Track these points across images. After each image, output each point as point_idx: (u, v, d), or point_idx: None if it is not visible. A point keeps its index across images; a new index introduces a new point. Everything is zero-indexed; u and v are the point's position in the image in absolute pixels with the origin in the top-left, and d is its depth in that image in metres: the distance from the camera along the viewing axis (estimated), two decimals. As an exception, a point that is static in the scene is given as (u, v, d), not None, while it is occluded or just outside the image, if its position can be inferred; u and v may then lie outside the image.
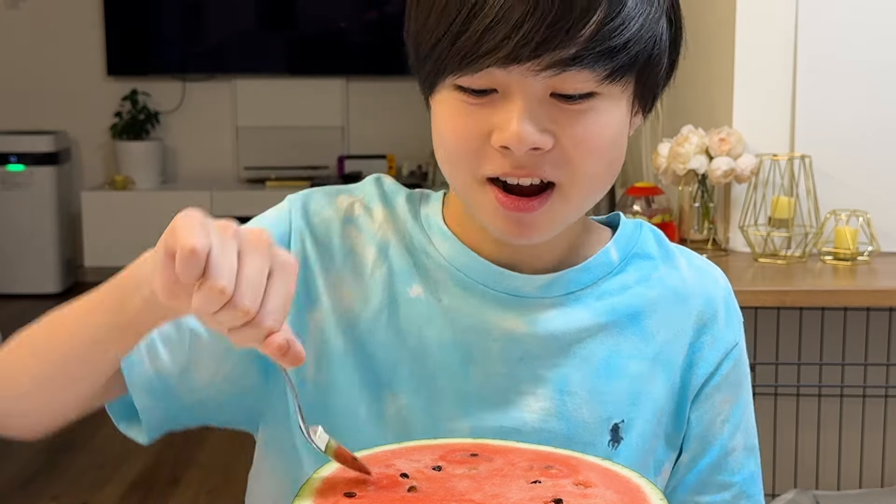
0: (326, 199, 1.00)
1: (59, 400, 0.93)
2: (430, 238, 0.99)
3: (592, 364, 0.97)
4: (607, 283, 0.99)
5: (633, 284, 1.00)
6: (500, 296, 0.96)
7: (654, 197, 2.58)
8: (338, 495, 0.76)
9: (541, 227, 0.91)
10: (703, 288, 1.02)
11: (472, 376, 0.96)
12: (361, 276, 0.98)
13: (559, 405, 0.96)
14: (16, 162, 5.84)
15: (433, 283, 0.97)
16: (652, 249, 1.02)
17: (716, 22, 2.64)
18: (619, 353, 0.98)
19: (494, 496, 0.77)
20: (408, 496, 0.77)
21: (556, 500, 0.76)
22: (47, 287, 5.88)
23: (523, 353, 0.96)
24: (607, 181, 0.92)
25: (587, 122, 0.87)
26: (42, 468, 3.58)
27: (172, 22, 6.19)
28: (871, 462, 2.52)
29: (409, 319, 0.97)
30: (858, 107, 2.46)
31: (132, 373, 0.95)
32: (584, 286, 0.98)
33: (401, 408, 0.96)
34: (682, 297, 1.00)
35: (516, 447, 0.87)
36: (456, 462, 0.83)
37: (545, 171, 0.88)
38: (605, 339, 0.98)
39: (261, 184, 6.06)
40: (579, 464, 0.84)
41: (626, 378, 0.98)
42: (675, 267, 1.02)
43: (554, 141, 0.87)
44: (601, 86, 0.86)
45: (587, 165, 0.89)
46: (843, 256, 2.35)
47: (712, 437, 1.02)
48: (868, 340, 2.46)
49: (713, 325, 1.01)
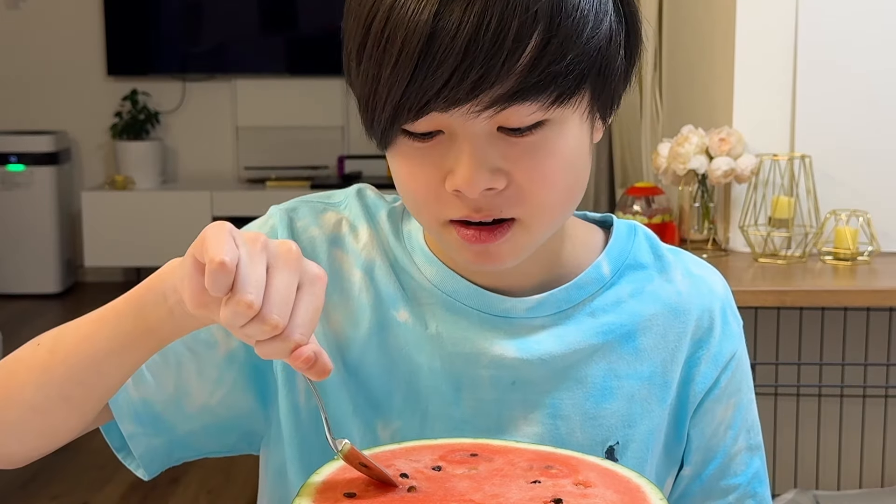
0: (312, 216, 0.98)
1: (50, 427, 0.89)
2: (412, 259, 0.96)
3: (586, 387, 0.95)
4: (599, 298, 0.96)
5: (627, 298, 0.97)
6: (489, 318, 0.94)
7: (654, 197, 2.58)
8: (338, 495, 0.76)
9: (505, 255, 0.88)
10: (699, 300, 0.99)
11: (463, 403, 0.94)
12: (349, 299, 0.95)
13: (552, 430, 0.95)
14: (16, 162, 5.84)
15: (419, 307, 0.95)
16: (645, 258, 0.99)
17: (716, 22, 2.64)
18: (613, 373, 0.95)
19: (494, 496, 0.77)
20: (407, 496, 0.77)
21: (556, 500, 0.76)
22: (47, 287, 5.89)
23: (514, 378, 0.94)
24: (570, 205, 0.89)
25: (538, 153, 0.84)
26: (42, 468, 3.58)
27: (172, 22, 6.19)
28: (871, 462, 2.52)
29: (399, 344, 0.95)
30: (858, 107, 2.46)
31: (117, 399, 0.93)
32: (575, 303, 0.95)
33: (394, 432, 0.95)
34: (677, 313, 0.98)
35: (516, 447, 0.87)
36: (456, 462, 0.83)
37: (502, 209, 0.85)
38: (599, 360, 0.95)
39: (261, 184, 6.06)
40: (579, 464, 0.84)
41: (620, 399, 0.96)
42: (670, 279, 0.99)
43: (507, 179, 0.84)
44: (549, 112, 0.82)
45: (544, 198, 0.85)
46: (843, 256, 2.35)
47: (715, 446, 1.00)
48: (868, 340, 2.46)
49: (709, 338, 0.99)
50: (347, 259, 0.97)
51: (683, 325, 0.98)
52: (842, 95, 2.46)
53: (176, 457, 0.99)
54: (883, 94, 2.46)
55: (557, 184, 0.85)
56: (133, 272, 6.01)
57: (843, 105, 2.46)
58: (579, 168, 0.88)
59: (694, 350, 0.98)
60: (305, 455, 0.96)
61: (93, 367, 0.85)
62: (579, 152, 0.87)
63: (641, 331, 0.97)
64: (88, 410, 0.88)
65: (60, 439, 0.90)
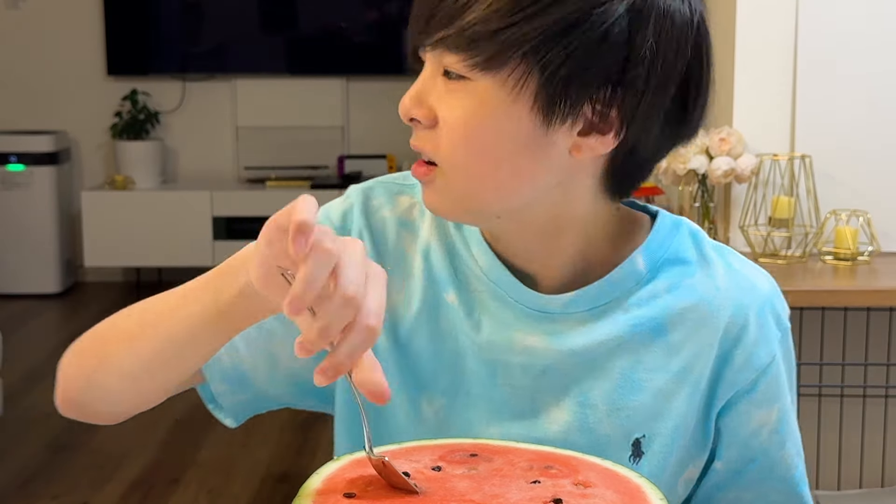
0: (387, 197, 1.02)
1: (146, 390, 0.96)
2: (469, 246, 0.99)
3: (613, 378, 0.96)
4: (635, 294, 0.96)
5: (662, 293, 0.97)
6: (526, 311, 0.96)
7: (655, 197, 2.58)
8: (338, 495, 0.76)
9: (429, 198, 0.93)
10: (736, 298, 0.97)
11: (499, 387, 0.97)
12: (408, 279, 1.00)
13: (580, 418, 0.96)
14: (16, 162, 5.84)
15: (468, 292, 0.98)
16: (688, 253, 0.99)
17: (716, 22, 2.63)
18: (642, 366, 0.96)
19: (494, 496, 0.77)
20: (407, 496, 0.77)
21: (556, 500, 0.76)
22: (47, 287, 5.88)
23: (544, 366, 0.96)
24: (482, 177, 0.89)
25: (454, 101, 0.88)
26: (42, 468, 3.58)
27: (172, 22, 6.19)
28: (871, 462, 2.52)
29: (447, 325, 0.98)
30: (858, 107, 2.46)
31: (209, 364, 1.00)
32: (610, 300, 0.96)
33: (438, 409, 0.99)
34: (711, 308, 0.96)
35: (516, 447, 0.87)
36: (456, 462, 0.83)
37: (426, 147, 0.91)
38: (628, 352, 0.96)
39: (261, 184, 6.06)
40: (579, 464, 0.83)
41: (648, 392, 0.96)
42: (711, 274, 0.98)
43: (433, 117, 0.89)
44: (472, 72, 0.86)
45: (452, 151, 0.89)
46: (843, 256, 2.35)
47: (756, 446, 0.99)
48: (868, 340, 2.46)
49: (743, 338, 0.96)
50: (413, 242, 1.01)
51: (716, 320, 0.96)
52: (842, 95, 2.45)
53: (261, 408, 1.06)
54: (883, 95, 2.46)
55: (467, 140, 0.88)
56: (133, 272, 6.01)
57: (843, 105, 2.46)
58: (504, 148, 0.88)
59: (727, 349, 0.96)
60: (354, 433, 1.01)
61: (171, 348, 0.90)
62: (504, 132, 0.88)
63: (672, 325, 0.96)
64: (173, 380, 0.95)
65: (152, 400, 0.97)
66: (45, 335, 5.37)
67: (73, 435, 3.85)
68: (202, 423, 3.89)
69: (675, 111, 0.90)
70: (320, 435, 3.80)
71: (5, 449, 3.75)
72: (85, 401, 0.98)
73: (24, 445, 3.79)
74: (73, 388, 0.98)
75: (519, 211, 0.93)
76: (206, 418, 4.48)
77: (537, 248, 0.97)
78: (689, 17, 0.88)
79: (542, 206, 0.93)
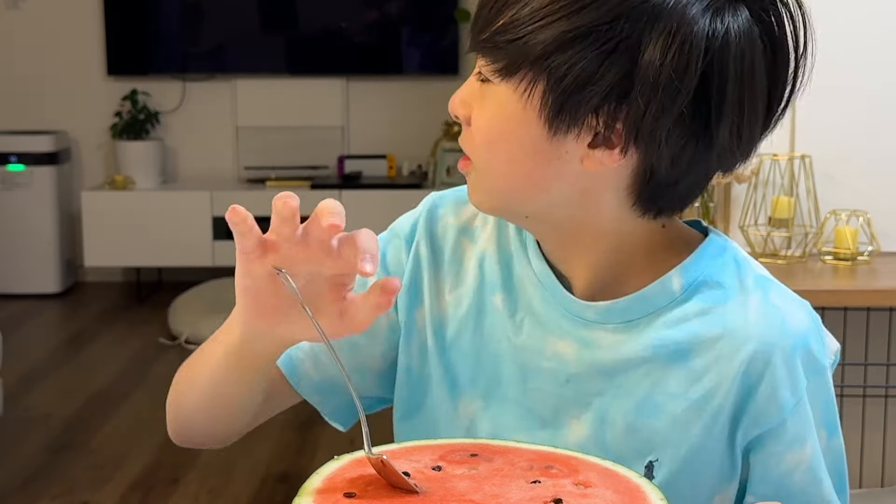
0: (453, 206, 1.07)
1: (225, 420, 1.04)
2: (526, 251, 1.02)
3: (633, 397, 0.96)
4: (667, 314, 0.96)
5: (692, 317, 0.96)
6: (566, 315, 0.99)
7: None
8: (338, 495, 0.76)
9: (471, 195, 0.98)
10: (763, 333, 0.94)
11: (529, 392, 1.00)
12: (461, 283, 1.04)
13: (598, 434, 0.97)
14: (16, 162, 5.84)
15: (516, 292, 1.02)
16: (727, 279, 0.97)
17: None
18: (662, 390, 0.95)
19: (494, 496, 0.77)
20: (407, 496, 0.77)
21: (556, 500, 0.76)
22: (47, 287, 5.88)
23: (569, 376, 0.98)
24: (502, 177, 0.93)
25: (484, 104, 0.93)
26: (42, 468, 3.58)
27: (172, 22, 6.19)
28: (871, 462, 2.52)
29: (490, 327, 1.02)
30: (858, 107, 2.46)
31: (299, 383, 1.08)
32: (642, 315, 0.96)
33: (472, 412, 1.02)
34: (738, 339, 0.94)
35: (516, 447, 0.87)
36: (456, 462, 0.83)
37: (464, 144, 0.96)
38: (649, 373, 0.96)
39: (261, 184, 6.06)
40: (579, 464, 0.84)
41: (665, 417, 0.95)
42: (745, 304, 0.96)
43: (469, 117, 0.94)
44: (494, 77, 0.91)
45: (477, 147, 0.94)
46: (843, 256, 2.35)
47: (790, 485, 0.96)
48: (868, 340, 2.46)
49: (766, 376, 0.94)
50: (471, 247, 1.05)
51: (740, 353, 0.94)
52: (842, 95, 2.46)
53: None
54: (883, 95, 2.46)
55: (490, 143, 0.93)
56: (133, 272, 6.01)
57: (843, 105, 2.46)
58: (520, 153, 0.91)
59: (751, 384, 0.94)
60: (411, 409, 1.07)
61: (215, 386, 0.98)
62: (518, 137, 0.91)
63: (696, 352, 0.95)
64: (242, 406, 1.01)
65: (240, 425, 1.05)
66: (45, 335, 5.37)
67: (73, 435, 3.85)
68: (202, 423, 3.89)
69: (697, 131, 0.88)
70: (320, 435, 3.80)
71: (5, 449, 3.74)
72: (185, 433, 1.08)
73: (24, 445, 3.78)
74: (172, 423, 1.08)
75: (544, 214, 0.95)
76: (206, 418, 4.38)
77: (568, 253, 0.99)
78: (707, 33, 0.86)
79: (565, 212, 0.95)
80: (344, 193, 5.77)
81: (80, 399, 4.26)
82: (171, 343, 4.99)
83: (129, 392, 4.35)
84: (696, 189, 0.95)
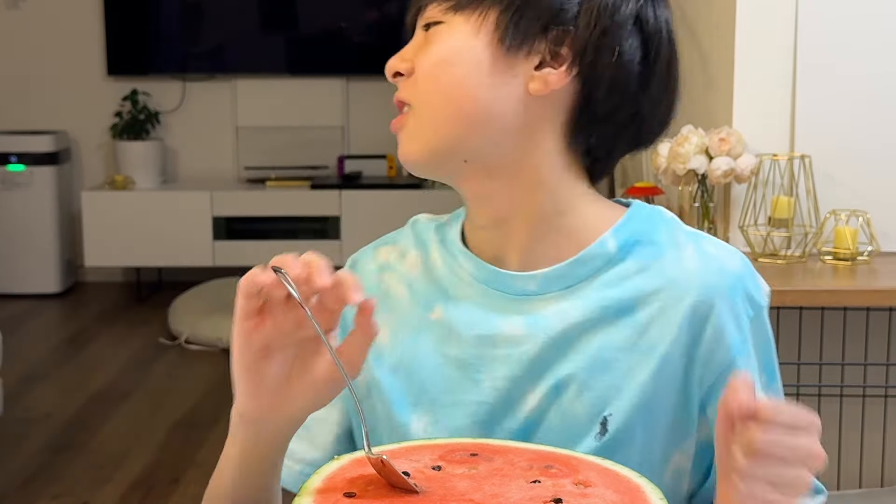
0: (371, 253, 1.12)
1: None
2: (456, 258, 1.05)
3: (585, 358, 0.99)
4: (606, 274, 1.00)
5: (632, 274, 1.00)
6: (506, 297, 1.01)
7: (654, 197, 2.58)
8: (338, 495, 0.76)
9: (405, 150, 1.01)
10: (704, 280, 0.99)
11: (481, 385, 1.00)
12: (393, 311, 1.07)
13: (555, 401, 0.99)
14: (16, 162, 5.84)
15: (453, 300, 1.03)
16: (659, 236, 1.02)
17: (715, 22, 2.64)
18: (610, 345, 0.98)
19: (494, 496, 0.77)
20: (407, 496, 0.77)
21: (556, 499, 0.76)
22: (47, 287, 5.88)
23: (522, 354, 0.99)
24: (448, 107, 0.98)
25: (431, 45, 0.99)
26: (42, 468, 3.58)
27: (172, 22, 6.19)
28: (871, 462, 2.52)
29: (432, 343, 1.04)
30: (858, 107, 2.46)
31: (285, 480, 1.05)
32: (582, 279, 1.00)
33: (425, 425, 1.02)
34: (679, 289, 0.99)
35: (516, 447, 0.87)
36: (456, 462, 0.83)
37: (404, 93, 1.01)
38: (598, 332, 0.99)
39: (261, 184, 6.05)
40: (579, 464, 0.84)
41: (617, 371, 0.98)
42: (681, 257, 1.00)
43: (412, 67, 1.00)
44: (446, 15, 0.98)
45: (425, 84, 0.99)
46: (842, 256, 2.35)
47: None
48: (868, 340, 2.46)
49: (712, 318, 0.98)
50: (394, 277, 1.09)
51: (683, 301, 0.98)
52: (842, 95, 2.45)
53: None
54: (883, 95, 2.46)
55: (437, 77, 0.98)
56: (133, 272, 6.01)
57: (843, 105, 2.46)
58: (468, 80, 0.97)
59: (697, 329, 0.98)
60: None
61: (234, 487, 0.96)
62: (462, 62, 0.97)
63: (640, 305, 0.99)
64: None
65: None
66: (45, 335, 5.37)
67: (73, 435, 3.85)
68: (202, 423, 3.89)
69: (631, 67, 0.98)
70: (320, 435, 3.80)
71: (5, 449, 3.74)
72: None
73: (24, 445, 3.78)
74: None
75: (482, 157, 0.99)
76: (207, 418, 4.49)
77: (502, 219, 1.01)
78: None
79: (503, 153, 0.99)
80: (344, 193, 5.77)
81: (80, 399, 4.26)
82: (171, 343, 4.99)
83: (129, 392, 4.35)
84: (622, 142, 1.03)
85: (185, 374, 4.57)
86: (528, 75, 0.97)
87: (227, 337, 5.04)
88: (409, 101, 1.00)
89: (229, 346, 0.91)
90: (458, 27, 0.98)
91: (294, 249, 1.11)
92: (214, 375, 4.46)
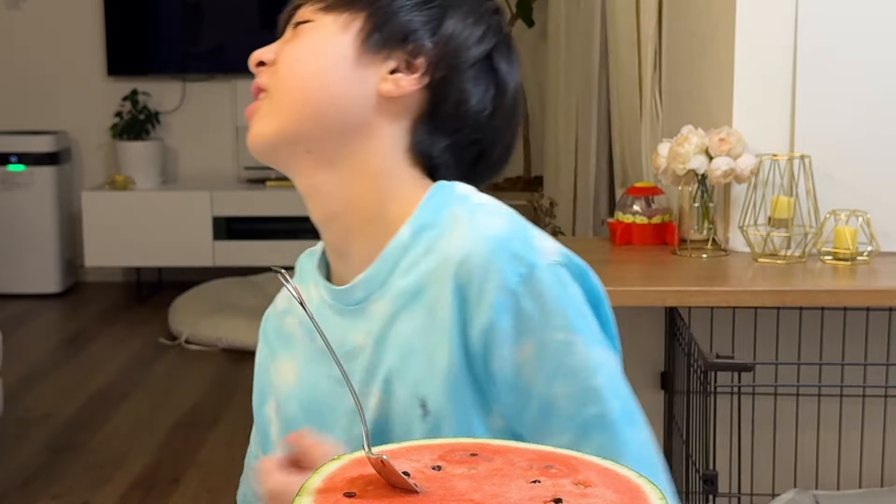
0: (272, 310, 1.20)
1: None
2: (317, 284, 1.12)
3: (397, 348, 1.03)
4: (402, 264, 1.04)
5: (420, 259, 1.04)
6: (349, 311, 1.07)
7: (654, 197, 2.58)
8: (338, 495, 0.77)
9: (255, 134, 1.07)
10: (466, 245, 1.00)
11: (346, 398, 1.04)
12: (294, 349, 1.14)
13: (386, 397, 1.03)
14: (16, 162, 5.84)
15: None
16: (442, 217, 1.04)
17: (715, 22, 2.64)
18: (412, 331, 1.02)
19: (494, 496, 0.77)
20: (407, 496, 0.77)
21: (556, 499, 0.76)
22: (47, 287, 5.89)
23: (363, 360, 1.05)
24: (300, 91, 1.05)
25: (297, 38, 1.07)
26: (42, 468, 3.58)
27: (172, 22, 6.19)
28: (870, 462, 2.53)
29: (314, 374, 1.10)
30: (858, 107, 2.46)
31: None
32: (388, 274, 1.05)
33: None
34: (449, 260, 1.01)
35: (516, 447, 0.87)
36: (455, 462, 0.83)
37: (262, 78, 1.07)
38: (403, 321, 1.03)
39: (261, 184, 6.06)
40: (579, 463, 0.84)
41: (422, 354, 1.01)
42: (454, 230, 1.03)
43: (275, 58, 1.08)
44: (316, 14, 1.07)
45: (283, 70, 1.06)
46: (842, 256, 2.35)
47: (525, 389, 0.99)
48: (868, 340, 2.46)
49: (473, 281, 0.99)
50: (292, 318, 1.15)
51: (449, 270, 1.01)
52: (841, 96, 2.46)
53: None
54: (883, 95, 2.46)
55: (296, 66, 1.06)
56: (133, 272, 6.01)
57: (843, 105, 2.46)
58: (325, 73, 1.05)
59: (462, 295, 1.00)
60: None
61: None
62: (324, 55, 1.05)
63: (428, 285, 1.02)
64: None
65: None
66: (45, 335, 5.37)
67: (73, 435, 3.86)
68: (202, 423, 3.89)
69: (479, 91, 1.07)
70: (320, 435, 3.80)
71: (5, 449, 3.75)
72: None
73: (24, 445, 3.79)
74: None
75: (325, 148, 1.05)
76: (206, 418, 4.49)
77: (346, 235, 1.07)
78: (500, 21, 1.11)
79: (345, 144, 1.05)
80: (344, 193, 5.77)
81: (80, 399, 4.26)
82: (171, 343, 4.99)
83: (129, 392, 4.35)
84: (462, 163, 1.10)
85: (185, 374, 4.58)
86: (382, 77, 1.05)
87: (227, 337, 5.06)
88: (266, 86, 1.07)
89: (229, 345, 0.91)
90: (325, 25, 1.06)
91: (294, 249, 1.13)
92: (214, 375, 4.47)
